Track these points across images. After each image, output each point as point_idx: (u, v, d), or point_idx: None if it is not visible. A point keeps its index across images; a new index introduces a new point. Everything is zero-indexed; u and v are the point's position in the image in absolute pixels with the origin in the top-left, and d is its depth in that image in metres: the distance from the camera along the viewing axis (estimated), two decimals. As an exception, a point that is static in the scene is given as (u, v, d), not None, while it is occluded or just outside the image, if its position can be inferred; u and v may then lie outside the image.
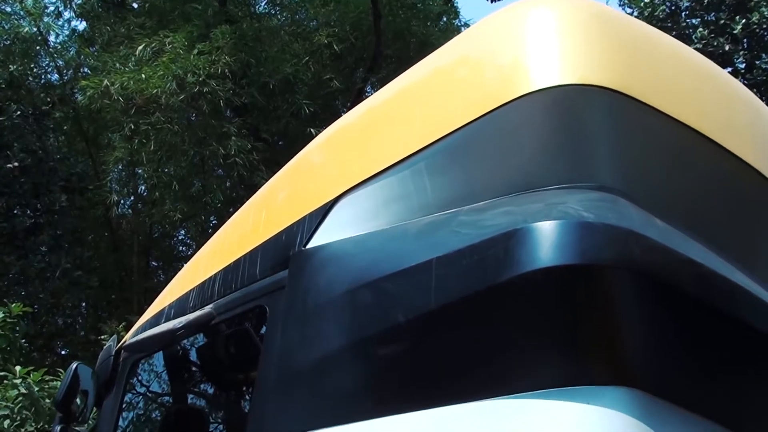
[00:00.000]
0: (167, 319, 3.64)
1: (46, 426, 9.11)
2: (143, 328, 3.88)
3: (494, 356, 2.46)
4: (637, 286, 2.41)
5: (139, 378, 4.14)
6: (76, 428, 3.89)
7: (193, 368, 4.01)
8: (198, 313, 3.43)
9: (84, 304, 22.27)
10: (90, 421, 5.31)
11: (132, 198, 21.61)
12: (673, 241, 2.56)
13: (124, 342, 3.96)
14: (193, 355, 3.90)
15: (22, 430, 9.33)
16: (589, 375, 2.33)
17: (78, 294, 19.85)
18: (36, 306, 17.20)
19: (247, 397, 3.31)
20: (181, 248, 24.20)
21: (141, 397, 4.30)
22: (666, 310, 2.48)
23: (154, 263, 24.10)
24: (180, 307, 3.66)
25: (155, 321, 3.80)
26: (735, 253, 2.85)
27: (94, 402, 3.86)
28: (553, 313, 2.41)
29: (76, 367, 3.77)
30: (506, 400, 2.35)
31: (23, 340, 11.87)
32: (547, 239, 2.38)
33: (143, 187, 20.65)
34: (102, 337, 12.80)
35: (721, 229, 2.91)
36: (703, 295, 2.57)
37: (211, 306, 3.43)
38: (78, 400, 3.81)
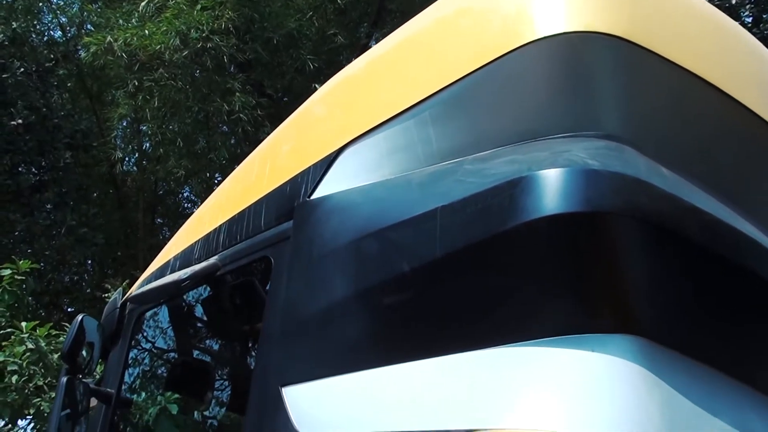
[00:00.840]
0: (172, 271, 3.65)
1: (54, 380, 9.15)
2: (148, 281, 3.89)
3: (499, 305, 2.46)
4: (643, 235, 2.40)
5: (145, 330, 4.16)
6: (83, 379, 3.90)
7: (199, 320, 4.03)
8: (203, 264, 3.43)
9: (90, 262, 22.32)
10: (96, 374, 5.35)
11: (136, 155, 21.56)
12: (679, 190, 2.55)
13: (130, 294, 3.97)
14: (198, 307, 3.91)
15: (31, 384, 9.39)
16: (594, 323, 2.34)
17: (83, 251, 19.88)
18: (42, 263, 17.25)
19: (253, 347, 3.32)
20: (186, 205, 24.22)
21: (147, 348, 4.32)
22: (671, 259, 2.48)
23: (159, 220, 24.13)
24: (185, 259, 3.66)
25: (160, 273, 3.81)
26: (741, 202, 2.84)
27: (100, 354, 3.88)
28: (559, 262, 2.41)
29: (82, 319, 3.78)
30: (511, 349, 2.36)
31: (30, 297, 11.91)
32: (552, 187, 2.38)
33: (148, 144, 20.59)
34: (107, 294, 12.85)
35: (727, 178, 2.90)
36: (708, 243, 2.56)
37: (216, 257, 3.43)
38: (84, 353, 3.83)
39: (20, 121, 19.26)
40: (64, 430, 3.66)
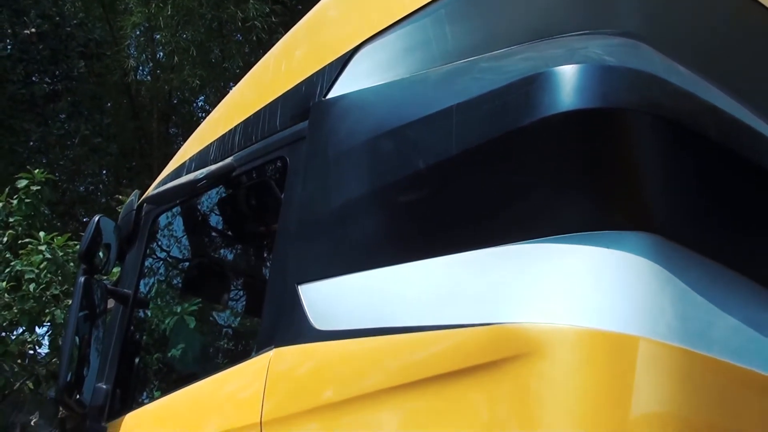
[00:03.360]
0: (188, 173, 3.65)
1: (71, 289, 9.22)
2: (164, 182, 3.90)
3: (514, 202, 2.47)
4: (658, 131, 2.39)
5: (161, 231, 4.18)
6: (100, 280, 3.94)
7: (214, 221, 4.05)
8: (218, 164, 3.44)
9: (104, 172, 22.36)
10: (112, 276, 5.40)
11: (150, 64, 21.42)
12: (695, 88, 2.54)
13: (146, 195, 3.98)
14: (214, 208, 3.93)
15: (48, 293, 9.48)
16: (609, 220, 2.35)
17: (98, 161, 19.93)
18: (57, 174, 17.29)
19: (268, 247, 3.35)
20: (200, 114, 24.08)
21: (163, 249, 4.35)
22: (687, 156, 2.47)
23: (173, 130, 24.08)
24: (201, 160, 3.67)
25: (176, 175, 3.82)
26: (759, 102, 2.82)
27: (116, 255, 3.90)
28: (574, 158, 2.41)
29: (99, 220, 3.80)
30: (527, 245, 2.37)
31: (45, 208, 11.96)
32: (568, 83, 2.36)
33: (161, 53, 20.43)
34: (121, 206, 12.85)
35: (744, 77, 2.87)
36: (724, 141, 2.56)
37: (231, 158, 3.43)
38: (101, 254, 3.85)
39: (33, 29, 19.14)
40: (82, 330, 3.69)
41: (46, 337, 10.30)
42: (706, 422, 2.21)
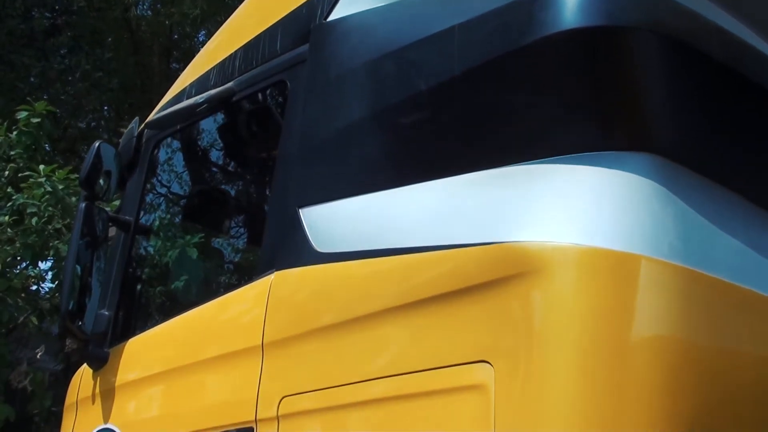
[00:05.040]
0: (188, 98, 3.63)
1: (72, 222, 9.18)
2: (164, 108, 3.87)
3: (516, 123, 2.46)
4: (663, 50, 2.38)
5: (162, 158, 4.16)
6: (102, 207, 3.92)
7: (215, 146, 4.03)
8: (219, 89, 3.42)
9: (106, 108, 22.26)
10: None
11: (150, -2, 21.24)
12: (701, 8, 2.51)
13: (147, 121, 3.96)
14: (214, 134, 3.91)
15: (50, 227, 9.46)
16: (611, 141, 2.34)
17: (99, 96, 19.78)
18: (58, 110, 17.21)
19: (270, 172, 3.33)
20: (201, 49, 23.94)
21: (164, 176, 4.34)
22: (690, 77, 2.46)
23: (174, 65, 23.86)
24: (201, 86, 3.64)
25: (176, 101, 3.78)
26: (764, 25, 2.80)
27: (117, 183, 3.89)
28: (577, 78, 2.39)
29: (99, 146, 3.77)
30: (528, 166, 2.36)
31: (47, 144, 11.90)
32: (571, 1, 2.34)
33: (162, -14, 20.26)
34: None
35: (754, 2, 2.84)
36: (729, 63, 2.54)
37: (231, 82, 3.41)
38: (102, 181, 3.83)
39: (32, -37, 18.95)
40: (83, 257, 3.69)
41: (49, 273, 10.31)
42: (707, 343, 2.22)
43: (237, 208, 4.30)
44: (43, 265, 10.35)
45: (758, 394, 2.30)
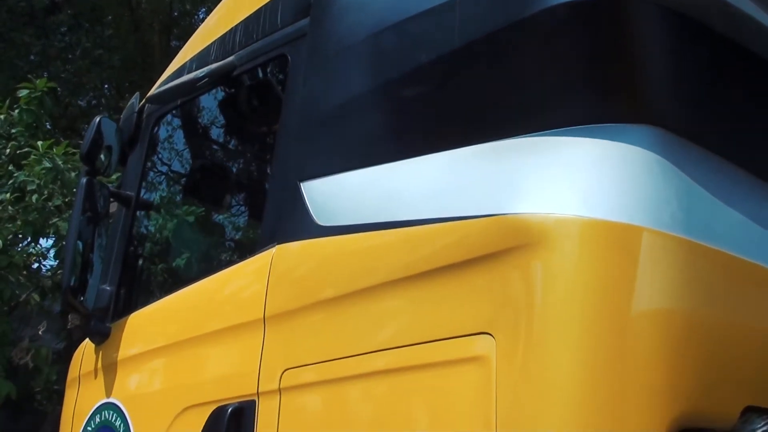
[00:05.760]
0: (189, 73, 3.62)
1: (73, 199, 9.15)
2: (165, 83, 3.86)
3: (518, 95, 2.45)
4: (664, 21, 2.37)
5: (163, 133, 4.15)
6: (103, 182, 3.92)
7: (216, 121, 4.02)
8: (220, 63, 3.41)
9: (106, 86, 22.22)
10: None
11: (150, -25, 21.16)
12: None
13: (147, 96, 3.95)
14: (215, 108, 3.90)
15: (50, 204, 9.45)
16: (613, 113, 2.33)
17: (100, 73, 19.73)
18: (59, 88, 17.17)
19: (271, 146, 3.33)
20: (202, 27, 23.85)
21: (165, 152, 4.33)
22: (692, 48, 2.45)
23: (175, 42, 23.81)
24: (201, 60, 3.63)
25: (177, 76, 3.77)
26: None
27: (118, 158, 3.88)
28: (578, 49, 2.39)
29: (100, 120, 3.76)
30: (529, 138, 2.36)
31: (48, 123, 11.86)
32: None
33: (161, -37, 20.18)
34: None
35: None
36: (730, 34, 2.53)
37: (232, 56, 3.40)
38: (103, 157, 3.82)
39: (31, -60, 18.86)
40: (84, 232, 3.69)
41: (51, 251, 10.31)
42: (709, 314, 2.22)
43: (238, 183, 4.30)
44: (45, 243, 10.36)
45: (761, 366, 2.31)
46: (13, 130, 10.01)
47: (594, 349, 2.04)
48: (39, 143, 9.61)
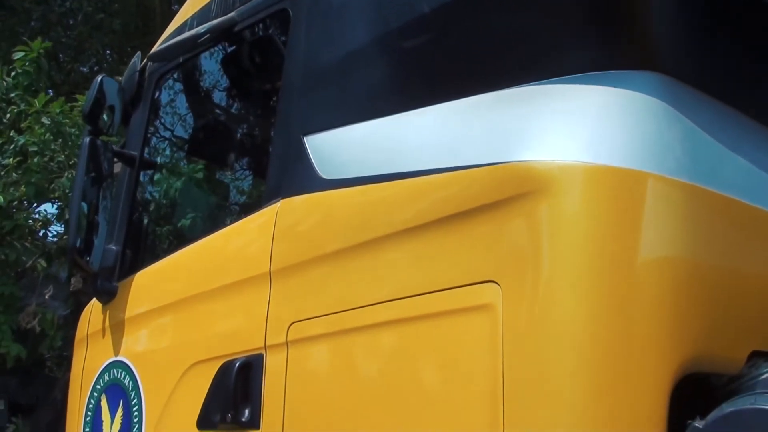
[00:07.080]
0: (190, 30, 3.59)
1: (75, 156, 9.07)
2: (166, 41, 3.84)
3: (521, 43, 2.45)
4: None
5: (165, 91, 4.13)
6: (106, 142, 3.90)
7: (218, 78, 4.00)
8: (221, 19, 3.38)
9: (108, 51, 22.15)
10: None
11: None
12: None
13: (149, 54, 3.92)
14: (217, 64, 3.88)
15: (52, 164, 9.40)
16: (617, 60, 2.32)
17: (101, 38, 19.65)
18: (60, 54, 17.10)
19: (273, 101, 3.32)
20: (203, -10, 23.74)
21: (167, 110, 4.31)
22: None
23: (176, 6, 23.75)
24: (202, 17, 3.60)
25: (178, 33, 3.75)
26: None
27: (121, 117, 3.86)
28: None
29: (102, 80, 3.75)
30: (534, 86, 2.36)
31: (49, 88, 11.79)
32: None
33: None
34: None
35: None
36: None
37: (233, 12, 3.37)
38: (105, 117, 3.81)
39: None
40: (89, 192, 3.68)
41: (56, 216, 10.28)
42: (714, 259, 2.22)
43: (242, 139, 4.29)
44: (50, 208, 10.34)
45: (765, 311, 2.31)
46: (12, 95, 9.93)
47: (600, 295, 2.05)
48: (36, 100, 9.53)
